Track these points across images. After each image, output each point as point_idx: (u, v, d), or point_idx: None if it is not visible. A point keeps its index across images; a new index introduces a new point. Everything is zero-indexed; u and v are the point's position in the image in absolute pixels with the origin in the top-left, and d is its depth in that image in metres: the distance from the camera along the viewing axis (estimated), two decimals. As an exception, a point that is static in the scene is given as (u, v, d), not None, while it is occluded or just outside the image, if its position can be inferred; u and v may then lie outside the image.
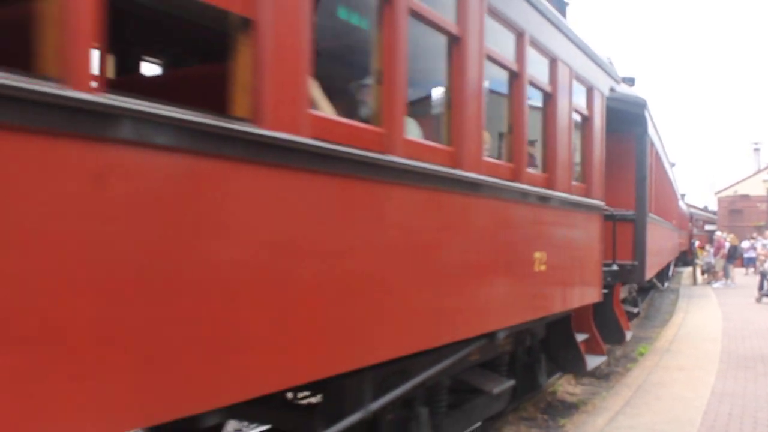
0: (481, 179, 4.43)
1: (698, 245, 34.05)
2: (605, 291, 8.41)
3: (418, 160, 3.75)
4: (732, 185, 63.33)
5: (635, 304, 14.56)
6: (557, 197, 5.92)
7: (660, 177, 15.80)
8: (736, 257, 27.13)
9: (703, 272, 28.22)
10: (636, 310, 14.73)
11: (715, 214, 61.93)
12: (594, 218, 7.16)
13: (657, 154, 14.56)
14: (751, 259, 29.43)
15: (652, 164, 12.92)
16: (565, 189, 6.15)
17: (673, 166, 23.15)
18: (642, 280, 12.13)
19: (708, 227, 53.95)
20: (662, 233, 16.43)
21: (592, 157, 7.13)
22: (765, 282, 19.46)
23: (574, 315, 7.19)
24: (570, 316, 7.07)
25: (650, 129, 12.22)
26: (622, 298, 11.63)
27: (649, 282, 15.47)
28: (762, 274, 20.17)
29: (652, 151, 13.12)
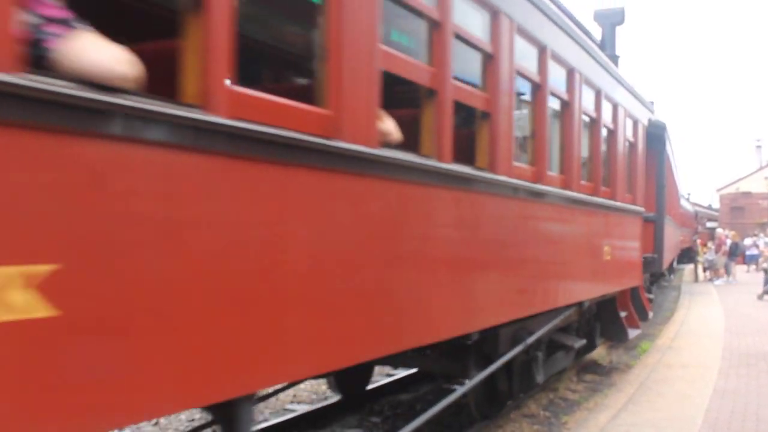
0: (581, 197, 6.60)
1: (699, 242, 33.54)
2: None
3: (552, 186, 5.87)
4: (734, 182, 63.34)
5: (649, 291, 16.93)
6: (617, 206, 8.07)
7: (670, 183, 18.19)
8: (737, 254, 27.38)
9: (704, 269, 28.31)
10: (651, 296, 17.08)
11: (717, 211, 61.34)
12: (637, 221, 9.31)
13: (670, 166, 16.93)
14: (753, 256, 30.13)
15: (667, 174, 15.26)
16: (621, 199, 8.30)
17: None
18: (660, 269, 14.47)
19: (710, 224, 53.39)
20: (670, 231, 18.82)
21: (636, 173, 9.29)
22: None
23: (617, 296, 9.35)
24: (615, 296, 9.21)
25: (668, 147, 14.51)
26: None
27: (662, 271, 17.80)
28: (765, 272, 20.44)
29: (668, 164, 15.42)
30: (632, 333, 9.85)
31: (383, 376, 8.59)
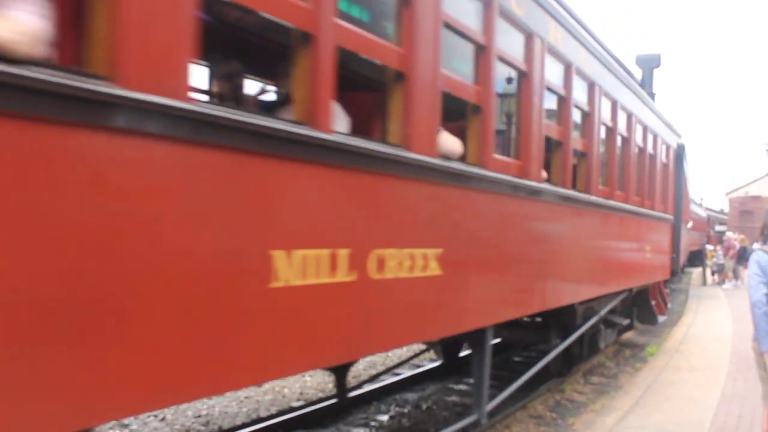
0: (632, 209, 8.80)
1: (709, 251, 32.82)
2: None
3: (619, 201, 8.07)
4: (743, 186, 63.54)
5: (665, 286, 19.22)
6: (655, 215, 10.29)
7: (684, 192, 20.54)
8: (746, 258, 26.22)
9: (713, 273, 28.12)
10: (666, 290, 19.35)
11: (727, 215, 59.70)
12: (668, 226, 11.54)
13: (685, 178, 19.29)
14: (762, 261, 31.26)
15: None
16: (657, 209, 10.51)
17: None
18: (678, 267, 16.73)
19: (719, 228, 51.95)
20: (683, 234, 21.18)
21: (667, 187, 11.51)
22: None
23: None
24: (648, 287, 11.41)
25: (684, 163, 16.80)
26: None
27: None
28: None
29: (684, 177, 17.74)
30: (660, 318, 12.06)
31: (389, 375, 8.36)
